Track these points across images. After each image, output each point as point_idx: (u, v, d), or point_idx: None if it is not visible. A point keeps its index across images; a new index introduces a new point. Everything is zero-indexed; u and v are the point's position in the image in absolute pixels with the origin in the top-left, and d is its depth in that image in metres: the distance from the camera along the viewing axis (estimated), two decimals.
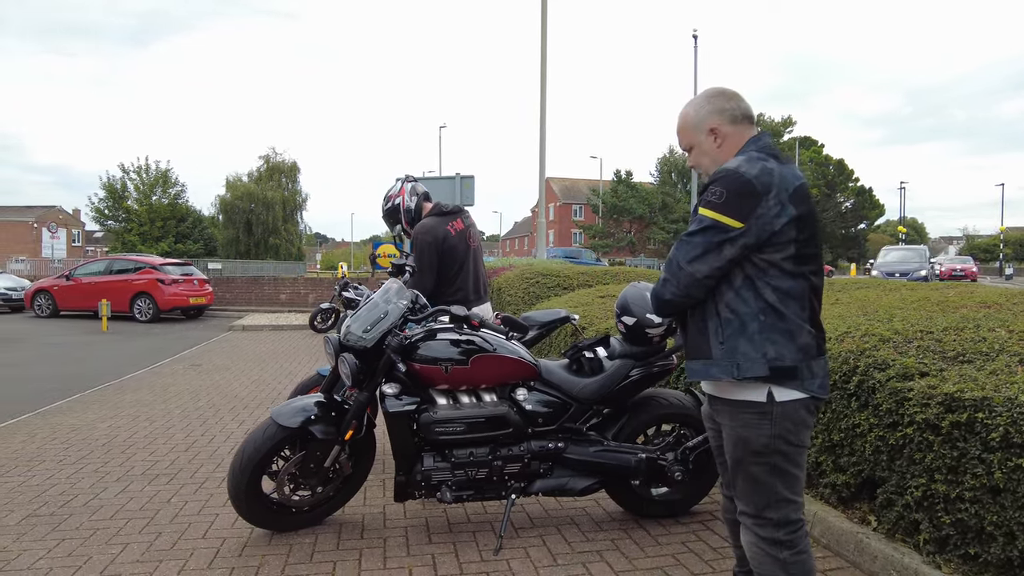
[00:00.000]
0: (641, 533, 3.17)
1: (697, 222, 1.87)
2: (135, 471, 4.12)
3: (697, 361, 1.94)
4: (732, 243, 1.82)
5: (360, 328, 2.95)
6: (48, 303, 15.31)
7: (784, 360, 1.84)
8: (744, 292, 1.86)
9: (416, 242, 3.65)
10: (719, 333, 1.88)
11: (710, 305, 1.91)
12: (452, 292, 3.69)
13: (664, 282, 1.93)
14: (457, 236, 3.74)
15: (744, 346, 1.84)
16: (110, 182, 40.37)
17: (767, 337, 1.84)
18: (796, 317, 1.86)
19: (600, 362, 3.15)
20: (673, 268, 1.90)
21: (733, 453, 1.94)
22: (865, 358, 2.96)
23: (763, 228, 1.81)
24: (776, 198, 1.81)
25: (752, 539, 1.95)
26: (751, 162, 1.86)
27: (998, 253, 46.27)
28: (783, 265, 1.85)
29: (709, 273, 1.85)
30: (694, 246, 1.86)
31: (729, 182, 1.83)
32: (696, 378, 1.96)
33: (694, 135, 2.02)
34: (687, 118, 2.04)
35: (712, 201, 1.83)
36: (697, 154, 2.04)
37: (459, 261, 3.73)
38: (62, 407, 5.98)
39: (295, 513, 3.14)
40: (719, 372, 1.87)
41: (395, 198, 3.88)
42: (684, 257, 1.87)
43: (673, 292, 1.91)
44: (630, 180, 51.70)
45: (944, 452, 2.45)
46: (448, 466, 2.96)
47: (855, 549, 2.80)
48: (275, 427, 2.95)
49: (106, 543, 3.05)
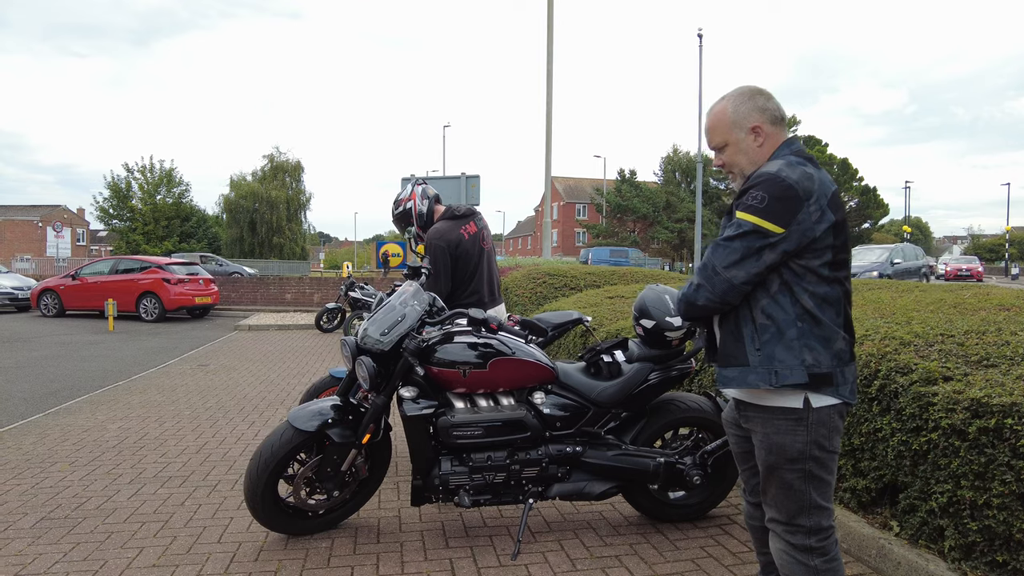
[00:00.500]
0: (659, 538, 3.15)
1: (735, 226, 1.82)
2: (147, 473, 4.10)
3: (733, 368, 1.90)
4: (772, 249, 1.78)
5: (377, 331, 2.93)
6: (54, 303, 15.32)
7: (821, 366, 1.81)
8: (781, 298, 1.83)
9: (430, 247, 3.61)
10: (755, 340, 1.85)
11: (744, 311, 1.87)
12: (467, 295, 3.67)
13: (697, 287, 1.88)
14: (470, 239, 3.71)
15: (781, 353, 1.81)
16: (115, 181, 40.43)
17: (804, 343, 1.81)
18: (832, 323, 1.84)
19: (618, 366, 3.12)
20: (708, 273, 1.85)
21: (766, 460, 1.91)
22: (887, 362, 2.92)
23: (804, 234, 1.78)
24: (816, 203, 1.79)
25: (783, 546, 1.92)
26: (791, 166, 1.82)
27: (1003, 253, 46.10)
28: (820, 271, 1.82)
29: (747, 279, 1.81)
30: (732, 251, 1.81)
31: (771, 186, 1.78)
32: (731, 386, 1.92)
33: (733, 132, 1.95)
34: (724, 114, 1.96)
35: (753, 205, 1.79)
36: (733, 152, 1.97)
37: (473, 264, 3.70)
38: (71, 408, 5.97)
39: (311, 517, 3.12)
40: (756, 380, 1.84)
41: (406, 202, 3.84)
42: (721, 262, 1.83)
43: (708, 298, 1.86)
44: (634, 179, 51.56)
45: (971, 458, 2.42)
46: (466, 470, 2.94)
47: (877, 555, 2.77)
48: (292, 431, 2.94)
49: (121, 547, 3.03)
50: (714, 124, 1.99)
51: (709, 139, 2.02)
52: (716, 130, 1.98)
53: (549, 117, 14.91)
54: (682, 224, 48.44)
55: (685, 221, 47.66)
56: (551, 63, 14.76)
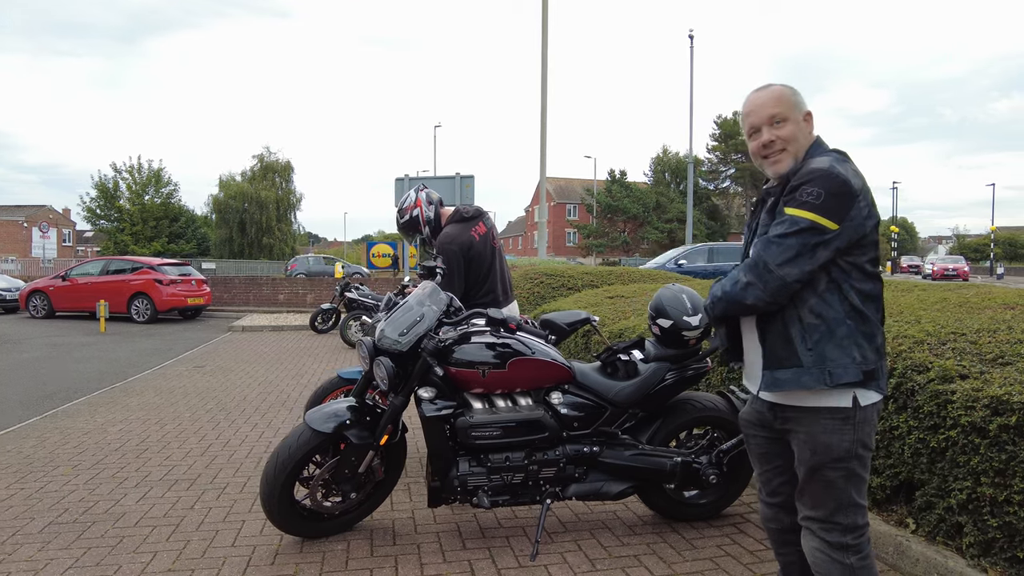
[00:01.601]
0: (675, 537, 3.15)
1: (789, 223, 1.79)
2: (153, 476, 4.06)
3: (785, 370, 1.86)
4: (826, 246, 1.77)
5: (395, 332, 2.91)
6: (44, 304, 15.13)
7: (868, 363, 1.82)
8: (829, 296, 1.82)
9: (442, 252, 3.55)
10: (806, 340, 1.83)
11: (791, 311, 1.85)
12: (483, 295, 3.65)
13: (747, 286, 1.84)
14: (481, 240, 3.69)
15: (833, 352, 1.80)
16: (102, 181, 40.00)
17: (854, 341, 1.81)
18: (875, 318, 1.85)
19: (635, 365, 3.12)
20: (760, 271, 1.81)
21: (811, 460, 1.88)
22: (902, 360, 2.94)
23: (855, 230, 1.78)
24: (865, 200, 1.80)
25: (818, 544, 1.91)
26: (841, 163, 1.82)
27: (988, 252, 46.67)
28: (865, 267, 1.83)
29: (799, 277, 1.79)
30: (787, 248, 1.78)
31: (826, 182, 1.76)
32: (784, 388, 1.87)
33: (793, 110, 1.92)
34: (786, 93, 1.93)
35: (808, 202, 1.76)
36: (793, 129, 1.90)
37: (487, 264, 3.68)
38: (69, 410, 5.89)
39: (326, 519, 3.09)
40: (811, 381, 1.81)
41: (412, 210, 3.76)
42: (775, 259, 1.79)
43: (758, 296, 1.82)
44: (624, 180, 51.75)
45: (992, 455, 2.44)
46: (484, 471, 2.93)
47: (895, 552, 2.78)
48: (309, 432, 2.91)
49: (134, 551, 2.99)
50: (776, 97, 1.93)
51: (768, 109, 1.92)
52: (782, 102, 1.92)
53: (544, 119, 14.91)
54: (672, 224, 48.66)
55: (675, 221, 47.89)
56: (546, 63, 14.76)
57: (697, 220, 41.97)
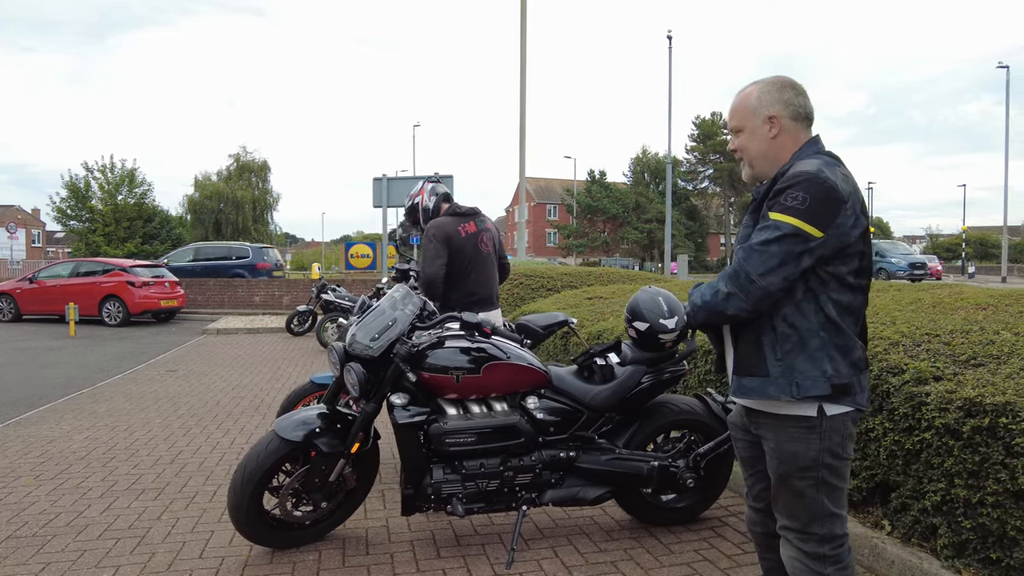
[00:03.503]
0: (653, 542, 3.12)
1: (773, 228, 1.71)
2: (119, 486, 3.93)
3: (752, 378, 1.82)
4: (811, 254, 1.70)
5: (367, 336, 2.84)
6: (10, 307, 14.72)
7: (841, 377, 1.76)
8: (805, 306, 1.77)
9: (424, 237, 3.72)
10: (776, 349, 1.77)
11: (765, 318, 1.79)
12: (462, 296, 3.69)
13: (728, 296, 1.77)
14: (466, 238, 3.75)
15: (803, 364, 1.75)
16: (73, 181, 39.07)
17: (826, 353, 1.76)
18: (851, 331, 1.79)
19: (611, 369, 3.09)
20: (742, 281, 1.74)
21: (778, 468, 1.86)
22: (877, 362, 2.94)
23: (840, 239, 1.71)
24: (852, 208, 1.72)
25: (795, 554, 1.87)
26: (830, 167, 1.74)
27: (960, 252, 47.60)
28: (846, 278, 1.77)
29: (782, 286, 1.72)
30: (770, 256, 1.70)
31: (812, 187, 1.69)
32: (751, 396, 1.84)
33: (750, 118, 1.87)
34: (748, 99, 1.89)
35: (793, 207, 1.69)
36: (747, 138, 1.89)
37: (466, 263, 3.72)
38: (33, 418, 5.72)
39: (296, 529, 3.02)
40: (777, 391, 1.77)
41: (415, 197, 3.95)
42: (757, 269, 1.71)
43: (740, 307, 1.75)
44: (604, 180, 51.99)
45: (965, 457, 2.44)
46: (458, 478, 2.87)
47: (870, 554, 2.78)
48: (278, 441, 2.83)
49: (96, 566, 2.89)
50: (738, 106, 1.91)
51: (729, 121, 1.95)
52: (736, 112, 1.91)
53: (523, 119, 14.89)
54: (651, 225, 48.94)
55: (654, 222, 48.17)
56: (524, 63, 14.74)
57: (676, 220, 42.28)
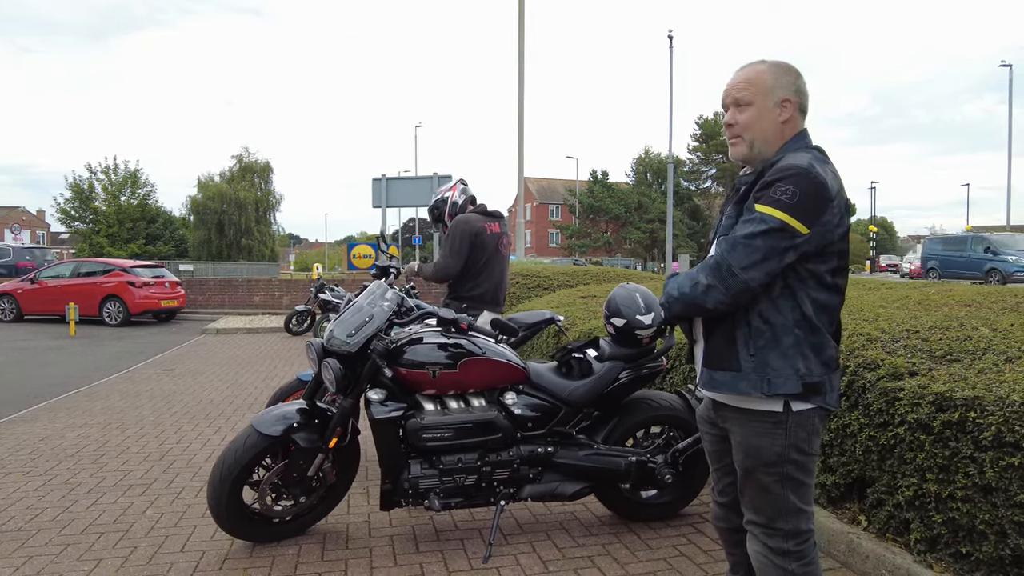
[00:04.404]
0: (631, 537, 3.14)
1: (759, 222, 1.66)
2: (107, 482, 3.97)
3: (724, 372, 1.80)
4: (795, 250, 1.67)
5: (344, 332, 2.86)
6: (11, 307, 14.81)
7: (813, 375, 1.74)
8: (782, 302, 1.74)
9: (453, 227, 3.91)
10: (749, 344, 1.75)
11: (740, 313, 1.77)
12: (471, 288, 3.89)
13: (708, 289, 1.72)
14: (491, 236, 3.97)
15: (776, 360, 1.73)
16: (76, 182, 39.27)
17: (799, 351, 1.74)
18: (825, 330, 1.78)
19: (589, 364, 3.10)
20: (723, 274, 1.70)
21: (743, 463, 1.85)
22: (854, 358, 2.96)
23: (823, 236, 1.69)
24: (838, 206, 1.70)
25: (760, 549, 1.87)
26: (820, 163, 1.72)
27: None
28: (825, 277, 1.75)
29: (763, 281, 1.68)
30: (754, 250, 1.66)
31: (802, 182, 1.65)
32: (721, 391, 1.82)
33: (762, 96, 1.79)
34: (761, 75, 1.80)
35: (782, 200, 1.65)
36: (755, 115, 1.80)
37: (486, 258, 3.92)
38: (27, 416, 5.76)
39: (277, 524, 3.04)
40: (748, 387, 1.75)
41: (445, 191, 4.21)
42: (740, 262, 1.67)
43: (719, 300, 1.71)
44: (606, 180, 51.93)
45: (936, 451, 2.45)
46: (436, 473, 2.89)
47: (846, 549, 2.79)
48: (256, 436, 2.86)
49: (77, 559, 2.92)
50: (751, 79, 1.81)
51: (734, 91, 1.84)
52: (751, 85, 1.81)
53: (521, 118, 14.92)
54: (654, 225, 48.88)
55: (656, 222, 48.11)
56: (522, 62, 14.77)
57: (678, 220, 42.23)
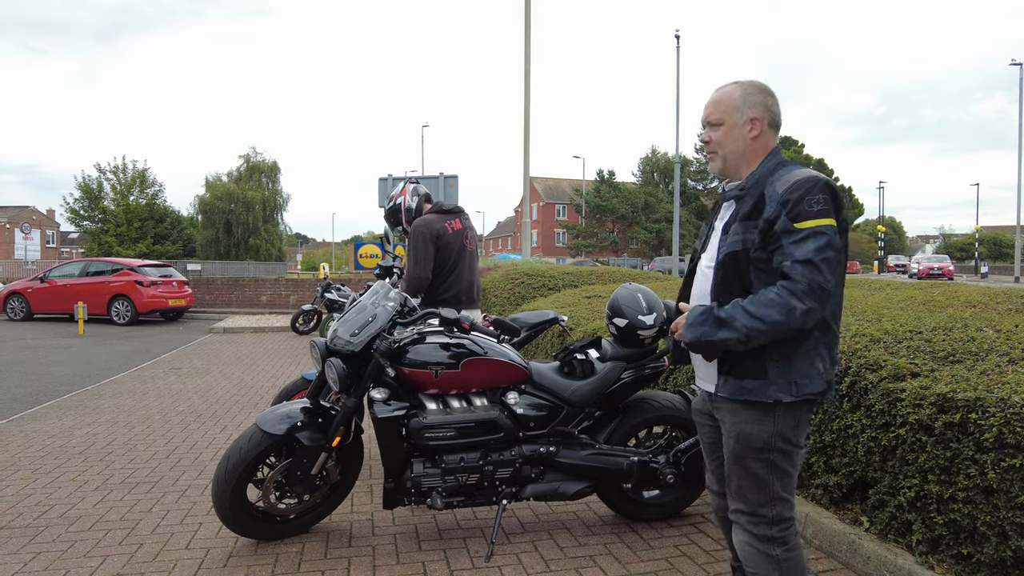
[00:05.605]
0: (633, 537, 3.14)
1: (817, 235, 1.73)
2: (114, 480, 4.01)
3: (751, 380, 1.84)
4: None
5: (347, 332, 2.88)
6: (22, 306, 14.95)
7: (829, 373, 1.83)
8: None
9: (412, 234, 3.77)
10: (774, 350, 1.81)
11: None
12: (443, 292, 3.75)
13: (808, 312, 1.72)
14: (453, 235, 3.82)
15: (799, 363, 1.81)
16: (86, 182, 39.52)
17: (817, 352, 1.82)
18: (836, 328, 1.86)
19: (591, 364, 3.11)
20: (821, 294, 1.72)
21: (733, 449, 1.93)
22: (857, 359, 2.95)
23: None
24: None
25: (745, 537, 1.94)
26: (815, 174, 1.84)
27: (973, 251, 47.12)
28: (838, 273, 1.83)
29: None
30: (831, 260, 1.73)
31: (825, 187, 1.78)
32: (753, 397, 1.85)
33: (733, 114, 1.91)
34: (732, 95, 1.92)
35: (824, 209, 1.75)
36: (726, 133, 1.93)
37: (452, 259, 3.80)
38: (36, 414, 5.82)
39: (281, 522, 3.07)
40: (777, 392, 1.81)
41: (397, 198, 4.03)
42: (828, 276, 1.72)
43: (815, 317, 1.75)
44: (613, 180, 51.84)
45: (937, 453, 2.45)
46: (438, 472, 2.91)
47: (848, 550, 2.79)
48: (260, 434, 2.88)
49: (84, 555, 2.95)
50: (719, 100, 1.94)
51: (708, 113, 1.97)
52: (719, 106, 1.94)
53: (527, 117, 14.92)
54: (660, 224, 48.78)
55: (663, 221, 48.01)
56: (529, 62, 14.77)
57: (685, 220, 42.10)
